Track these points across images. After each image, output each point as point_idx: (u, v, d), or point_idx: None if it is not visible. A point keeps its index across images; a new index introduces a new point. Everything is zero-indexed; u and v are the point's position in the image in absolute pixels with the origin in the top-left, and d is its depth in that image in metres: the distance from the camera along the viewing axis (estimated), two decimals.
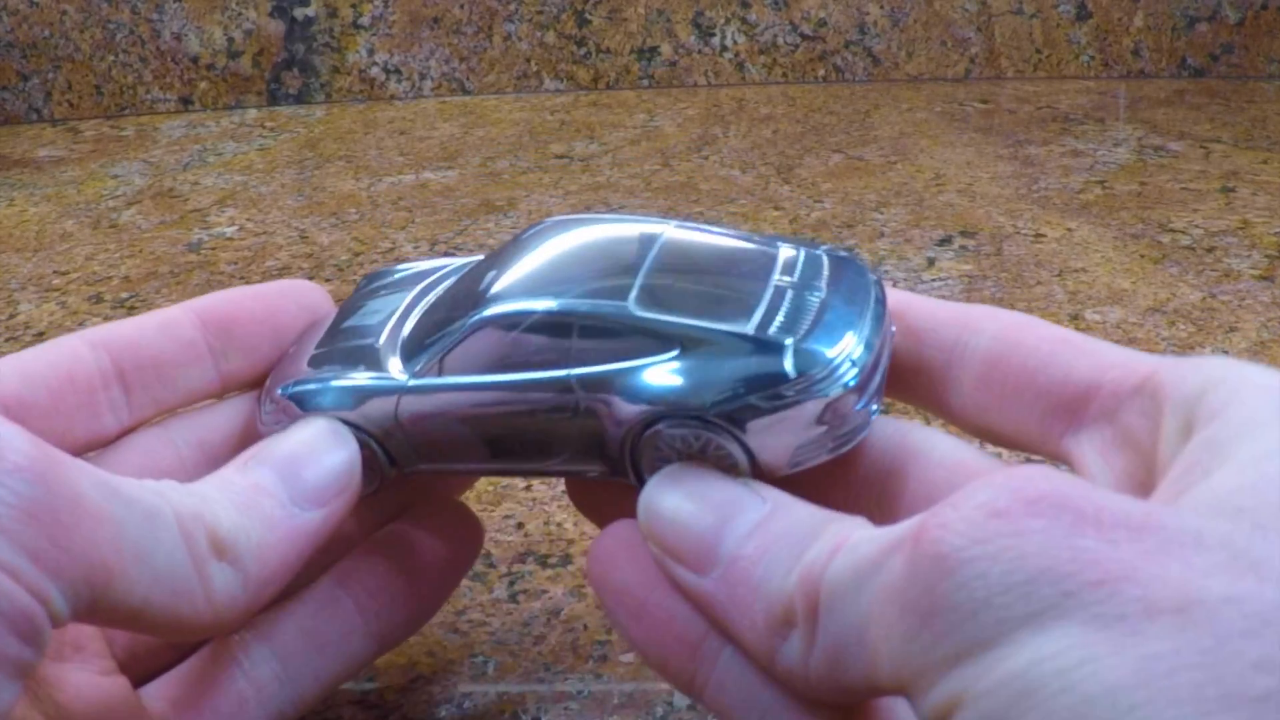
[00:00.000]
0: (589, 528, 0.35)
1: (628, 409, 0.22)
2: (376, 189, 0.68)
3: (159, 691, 0.24)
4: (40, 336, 0.50)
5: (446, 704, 0.28)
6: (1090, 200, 0.62)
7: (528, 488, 0.37)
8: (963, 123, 0.77)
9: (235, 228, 0.63)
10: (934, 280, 0.52)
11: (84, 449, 0.26)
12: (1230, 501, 0.16)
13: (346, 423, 0.25)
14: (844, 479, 0.24)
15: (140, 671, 0.25)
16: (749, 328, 0.22)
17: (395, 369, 0.25)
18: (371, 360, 0.25)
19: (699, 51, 0.89)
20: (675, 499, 0.22)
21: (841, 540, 0.19)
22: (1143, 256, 0.54)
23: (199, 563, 0.20)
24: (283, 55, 0.87)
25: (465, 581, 0.33)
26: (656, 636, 0.23)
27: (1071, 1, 0.87)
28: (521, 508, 0.36)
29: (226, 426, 0.27)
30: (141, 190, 0.70)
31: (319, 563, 0.25)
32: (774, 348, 0.22)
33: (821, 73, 0.89)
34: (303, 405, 0.25)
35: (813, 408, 0.22)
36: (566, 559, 0.34)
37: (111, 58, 0.86)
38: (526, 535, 0.35)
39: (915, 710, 0.17)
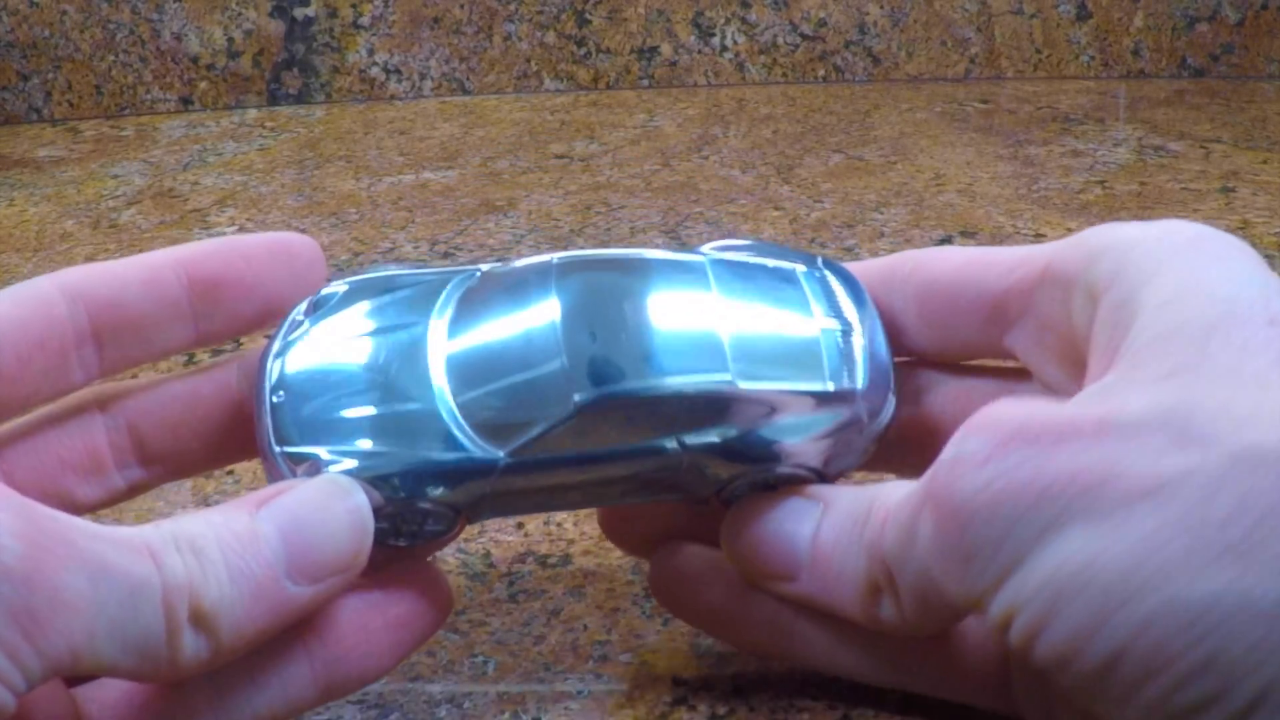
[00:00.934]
0: (589, 527, 0.35)
1: (732, 469, 0.25)
2: (376, 189, 0.68)
3: (94, 694, 0.24)
4: None
5: (446, 704, 0.28)
6: (1090, 200, 0.62)
7: None
8: (963, 123, 0.77)
9: (235, 228, 0.63)
10: None
11: (44, 402, 0.25)
12: (1153, 367, 0.19)
13: (432, 500, 0.24)
14: None
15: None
16: (827, 384, 0.25)
17: (474, 443, 0.24)
18: (434, 432, 0.24)
19: (699, 51, 0.89)
20: (752, 534, 0.26)
21: (884, 515, 0.23)
22: None
23: (173, 632, 0.20)
24: (283, 55, 0.87)
25: (465, 581, 0.33)
26: (756, 636, 0.27)
27: (1071, 1, 0.87)
28: None
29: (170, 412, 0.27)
30: (141, 190, 0.70)
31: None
32: (848, 397, 0.25)
33: (821, 73, 0.89)
34: (377, 486, 0.24)
35: (875, 434, 0.26)
36: (566, 559, 0.34)
37: (111, 58, 0.86)
38: (526, 535, 0.35)
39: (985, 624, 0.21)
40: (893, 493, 0.23)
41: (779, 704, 0.28)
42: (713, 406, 0.24)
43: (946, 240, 0.57)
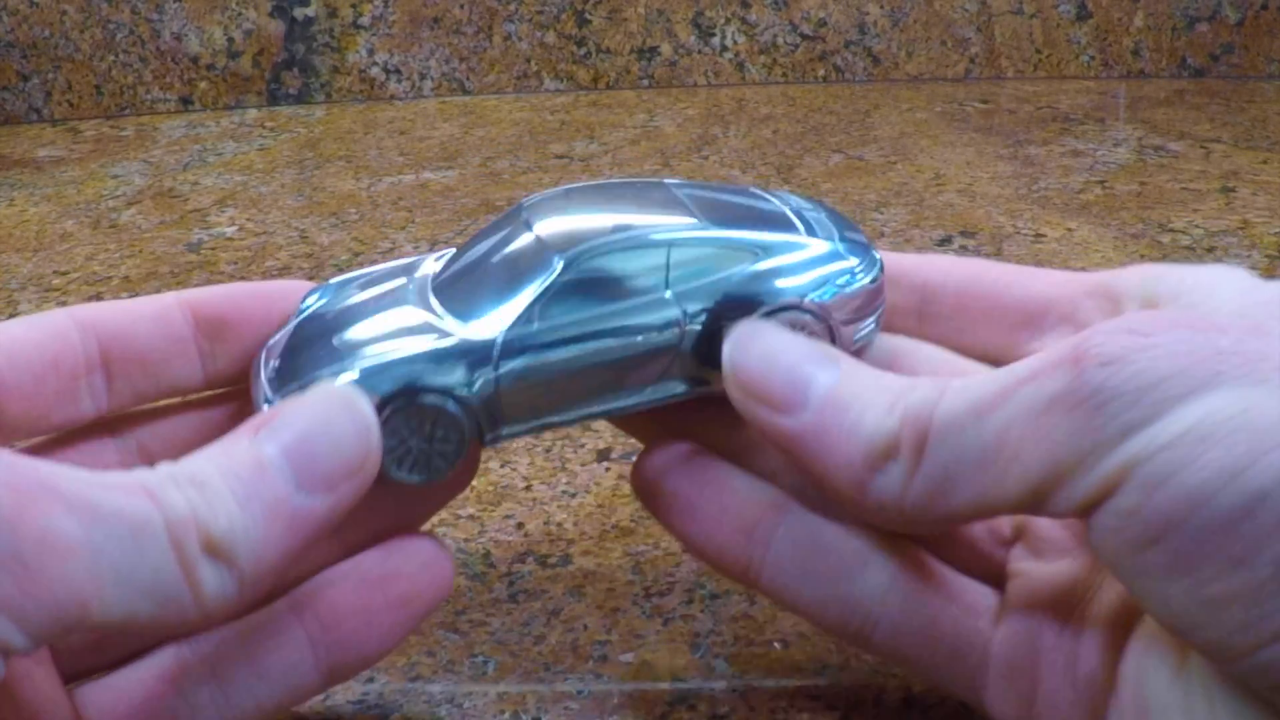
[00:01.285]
0: (589, 527, 0.35)
1: (733, 309, 0.25)
2: (376, 189, 0.68)
3: (95, 696, 0.24)
4: None
5: (446, 704, 0.28)
6: (1090, 200, 0.62)
7: (527, 488, 0.37)
8: (963, 123, 0.77)
9: (235, 228, 0.63)
10: None
11: (56, 430, 0.25)
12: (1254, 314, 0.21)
13: (433, 390, 0.23)
14: None
15: (78, 667, 0.24)
16: (804, 236, 0.25)
17: (471, 331, 0.24)
18: (428, 335, 0.24)
19: (699, 51, 0.89)
20: (764, 345, 0.24)
21: (945, 386, 0.22)
22: (1143, 256, 0.54)
23: (188, 568, 0.19)
24: (283, 55, 0.87)
25: (465, 581, 0.33)
26: (711, 530, 0.25)
27: (1071, 1, 0.87)
28: (521, 508, 0.36)
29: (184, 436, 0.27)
30: (141, 190, 0.70)
31: (279, 584, 0.24)
32: (833, 251, 0.26)
33: (821, 73, 0.89)
34: (375, 388, 0.23)
35: (871, 288, 0.26)
36: (566, 559, 0.34)
37: (111, 58, 0.86)
38: (526, 535, 0.35)
39: (1052, 509, 0.20)
40: (954, 374, 0.24)
41: (779, 704, 0.28)
42: (697, 251, 0.24)
43: (946, 240, 0.57)
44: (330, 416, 0.22)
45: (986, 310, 0.27)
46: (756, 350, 0.24)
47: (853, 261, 0.26)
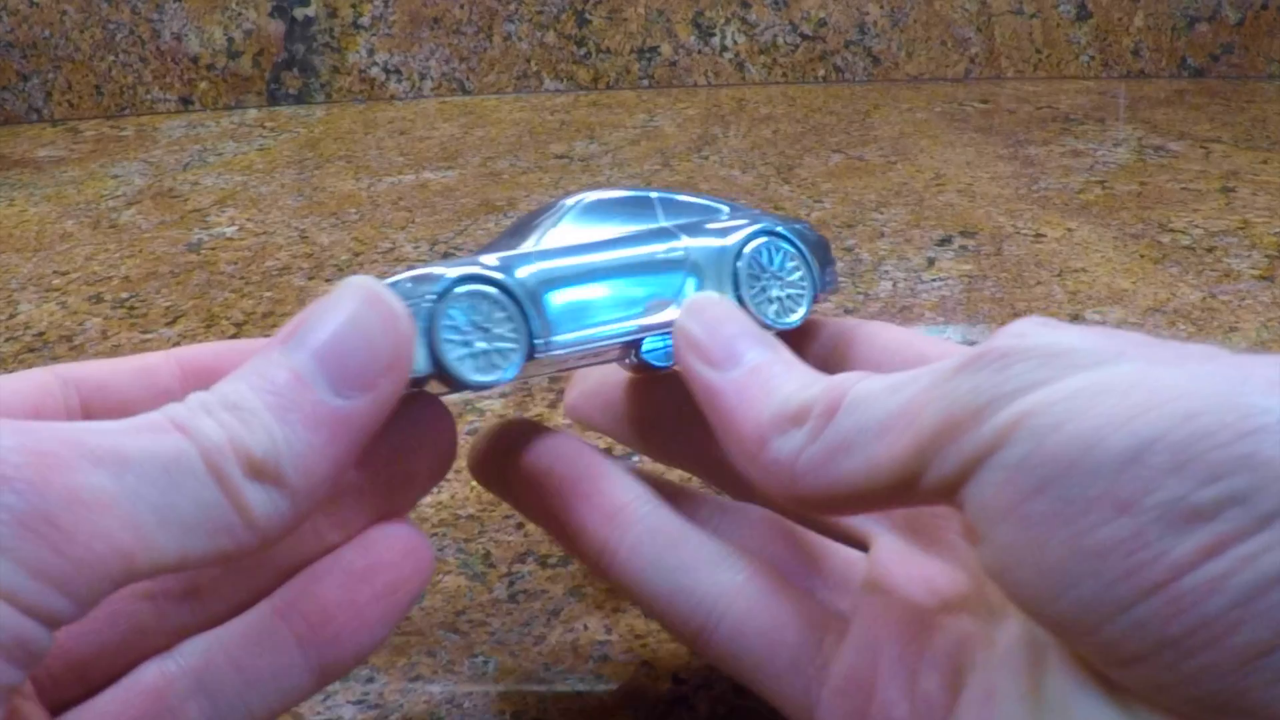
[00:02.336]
0: None
1: (719, 240, 0.28)
2: (376, 189, 0.68)
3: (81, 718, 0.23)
4: (40, 337, 0.50)
5: (446, 704, 0.28)
6: (1090, 200, 0.62)
7: None
8: (963, 123, 0.77)
9: (235, 228, 0.63)
10: (934, 280, 0.52)
11: None
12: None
13: (481, 279, 0.25)
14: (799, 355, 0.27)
15: (60, 698, 0.24)
16: (772, 224, 0.30)
17: (508, 253, 0.26)
18: (469, 264, 0.25)
19: (699, 51, 0.89)
20: (716, 311, 0.26)
21: (873, 373, 0.23)
22: (1143, 256, 0.54)
23: (233, 495, 0.19)
24: (283, 55, 0.87)
25: (465, 581, 0.33)
26: (576, 508, 0.26)
27: (1071, 1, 0.87)
28: None
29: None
30: (141, 190, 0.70)
31: (261, 587, 0.24)
32: (785, 218, 0.30)
33: (821, 73, 0.89)
34: (408, 296, 0.24)
35: (828, 281, 0.30)
36: (566, 559, 0.34)
37: (111, 58, 0.86)
38: (526, 535, 0.35)
39: (936, 472, 0.20)
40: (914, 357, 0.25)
41: None
42: (676, 205, 0.29)
43: (946, 240, 0.57)
44: (356, 312, 0.21)
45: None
46: (709, 313, 0.26)
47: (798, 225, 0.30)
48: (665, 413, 0.30)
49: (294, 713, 0.28)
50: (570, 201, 0.28)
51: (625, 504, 0.26)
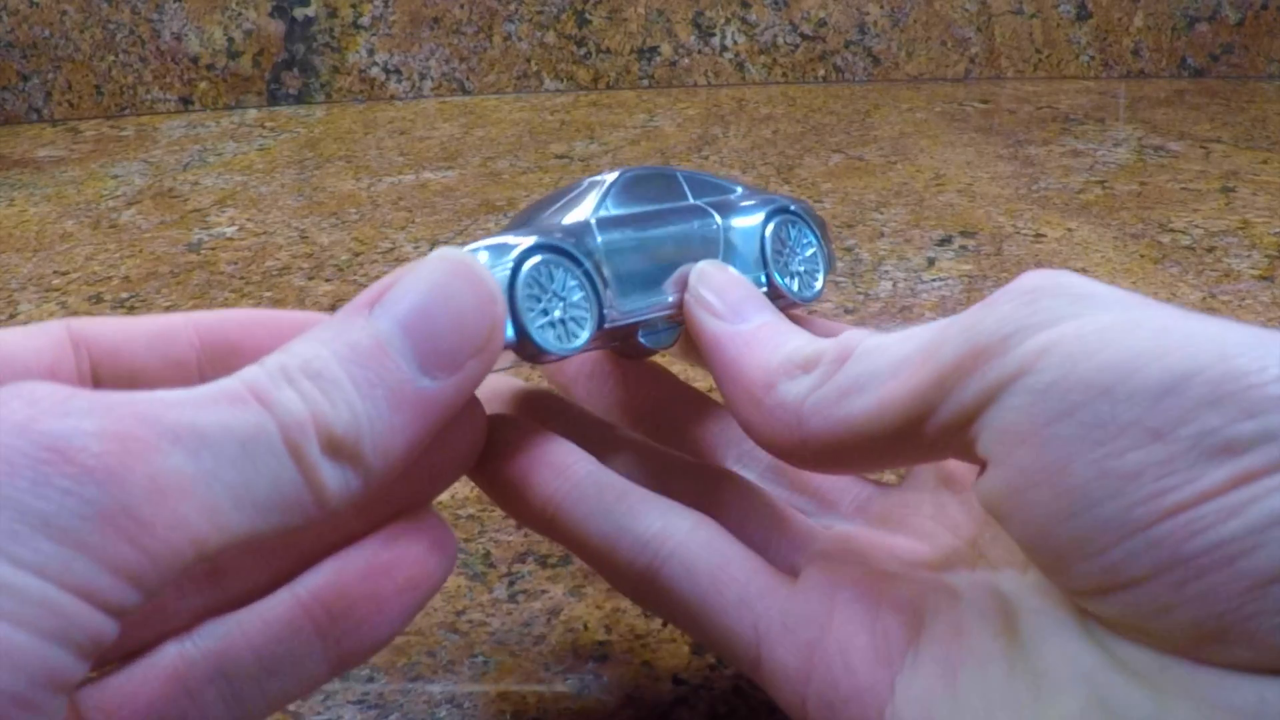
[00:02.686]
0: None
1: (748, 219, 0.30)
2: (376, 189, 0.68)
3: (96, 700, 0.23)
4: None
5: (446, 704, 0.28)
6: (1090, 200, 0.62)
7: None
8: (963, 123, 0.77)
9: (235, 228, 0.63)
10: (934, 280, 0.52)
11: None
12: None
13: (555, 247, 0.25)
14: None
15: None
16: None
17: (565, 221, 0.27)
18: (530, 233, 0.26)
19: (699, 51, 0.89)
20: (728, 276, 0.27)
21: (877, 333, 0.23)
22: (1143, 256, 0.54)
23: (309, 473, 0.18)
24: (283, 55, 0.87)
25: (465, 581, 0.33)
26: (524, 466, 0.25)
27: (1071, 1, 0.87)
28: None
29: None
30: (141, 190, 0.70)
31: (282, 569, 0.24)
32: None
33: (821, 73, 0.89)
34: (503, 256, 0.24)
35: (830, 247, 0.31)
36: (566, 559, 0.34)
37: (111, 58, 0.86)
38: (526, 535, 0.35)
39: (955, 401, 0.20)
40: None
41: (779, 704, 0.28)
42: (700, 183, 0.30)
43: (946, 240, 0.57)
44: (449, 286, 0.20)
45: None
46: (718, 278, 0.27)
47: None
48: (651, 396, 0.30)
49: (294, 712, 0.28)
50: (611, 177, 0.28)
51: (571, 462, 0.25)
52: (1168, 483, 0.17)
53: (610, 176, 0.28)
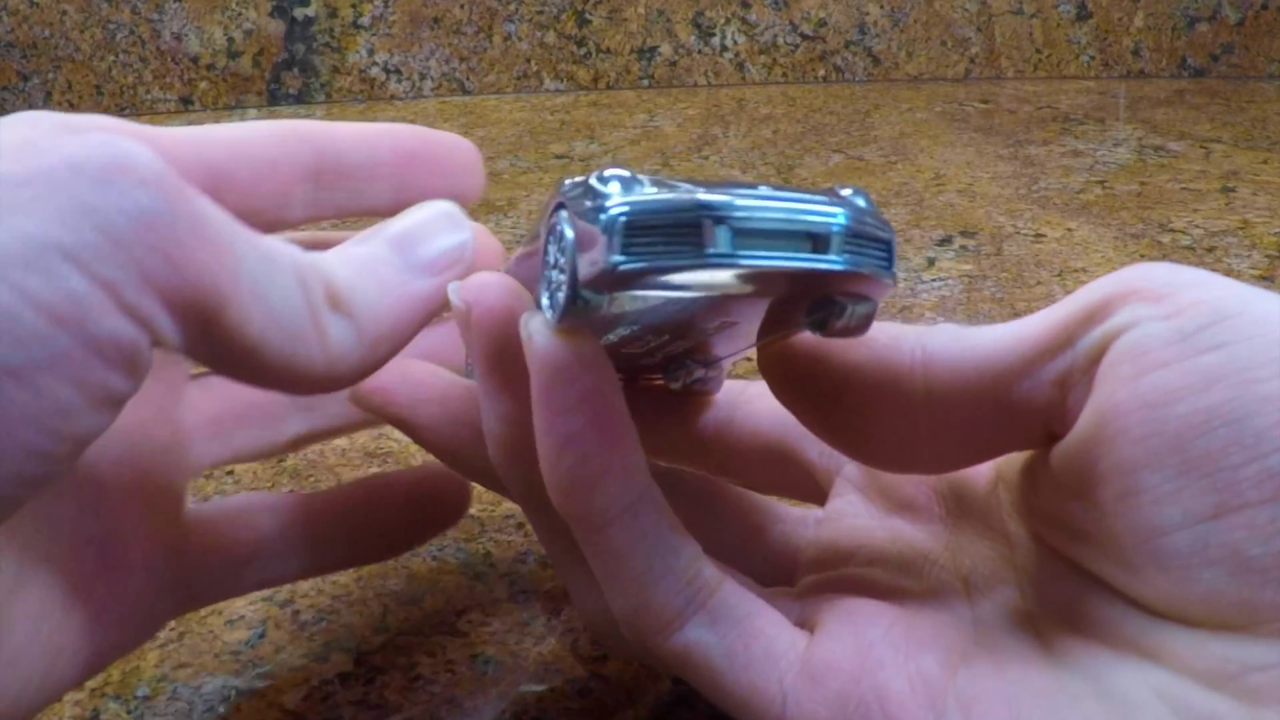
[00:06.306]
0: None
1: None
2: None
3: (197, 400, 0.27)
4: None
5: (447, 704, 0.28)
6: (1090, 200, 0.62)
7: None
8: (963, 123, 0.77)
9: None
10: (934, 280, 0.52)
11: (266, 228, 0.25)
12: None
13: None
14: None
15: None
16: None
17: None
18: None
19: (699, 51, 0.89)
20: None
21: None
22: (1143, 256, 0.54)
23: (314, 310, 0.20)
24: (283, 55, 0.87)
25: (465, 581, 0.33)
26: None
27: (1071, 1, 0.87)
28: None
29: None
30: None
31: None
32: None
33: (821, 73, 0.89)
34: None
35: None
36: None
37: (111, 58, 0.86)
38: (527, 535, 0.35)
39: (1097, 328, 0.20)
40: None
41: None
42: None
43: (946, 240, 0.57)
44: (426, 217, 0.24)
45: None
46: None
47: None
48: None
49: (294, 712, 0.28)
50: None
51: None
52: None
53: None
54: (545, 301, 0.20)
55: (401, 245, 0.23)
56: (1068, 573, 0.22)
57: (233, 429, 0.28)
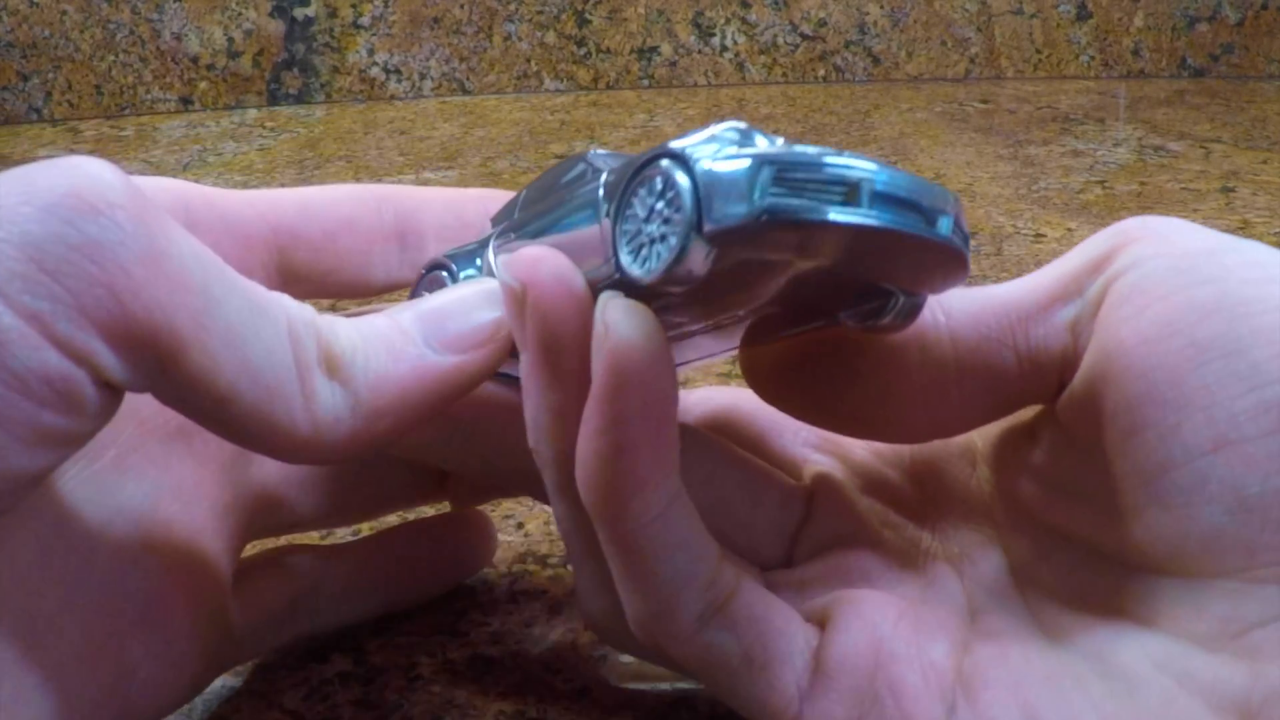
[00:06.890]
0: None
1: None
2: None
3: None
4: None
5: (446, 704, 0.28)
6: (1090, 200, 0.62)
7: None
8: (963, 123, 0.77)
9: None
10: None
11: (344, 291, 0.25)
12: None
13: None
14: None
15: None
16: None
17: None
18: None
19: (699, 51, 0.89)
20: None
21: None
22: None
23: (303, 369, 0.19)
24: (283, 55, 0.87)
25: (465, 581, 0.33)
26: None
27: (1071, 1, 0.87)
28: (521, 508, 0.36)
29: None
30: None
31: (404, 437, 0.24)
32: None
33: (821, 73, 0.89)
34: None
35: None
36: (567, 559, 0.34)
37: (111, 58, 0.86)
38: (526, 535, 0.35)
39: (1104, 270, 0.21)
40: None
41: None
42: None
43: None
44: (465, 294, 0.22)
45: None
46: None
47: None
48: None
49: (294, 712, 0.28)
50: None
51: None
52: None
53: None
54: (628, 259, 0.19)
55: (429, 319, 0.21)
56: (1059, 546, 0.22)
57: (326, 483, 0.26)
